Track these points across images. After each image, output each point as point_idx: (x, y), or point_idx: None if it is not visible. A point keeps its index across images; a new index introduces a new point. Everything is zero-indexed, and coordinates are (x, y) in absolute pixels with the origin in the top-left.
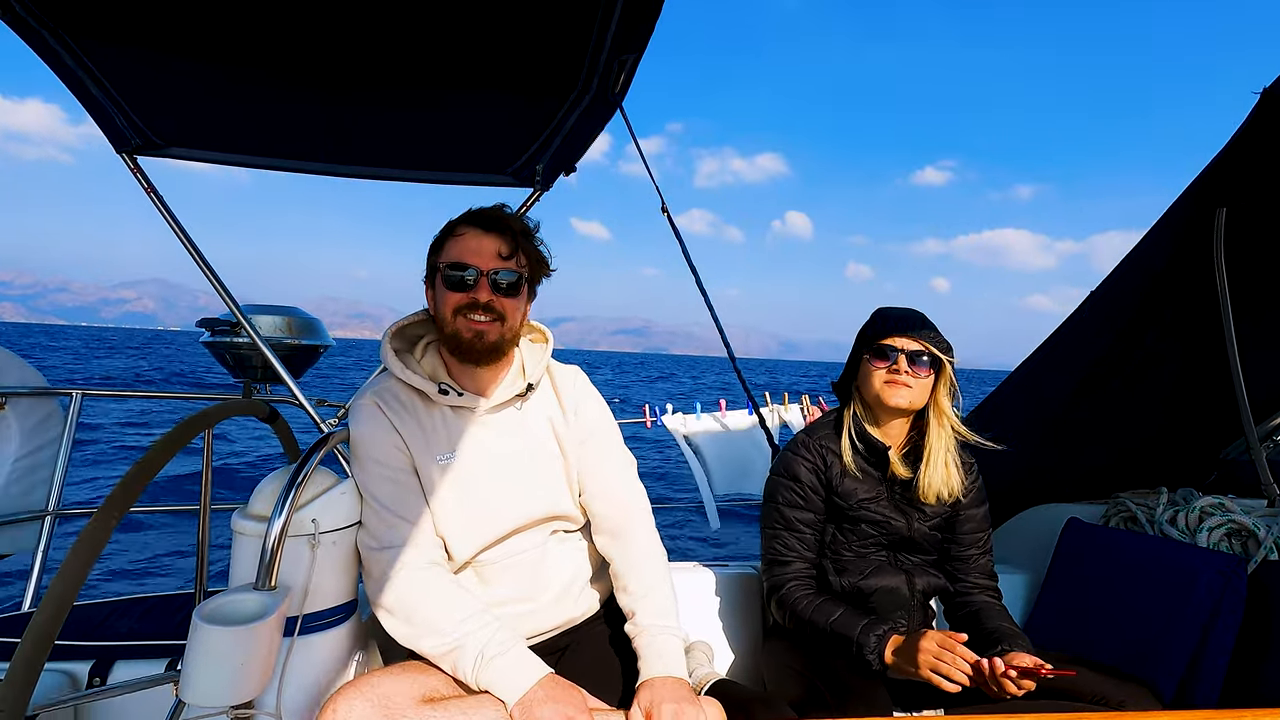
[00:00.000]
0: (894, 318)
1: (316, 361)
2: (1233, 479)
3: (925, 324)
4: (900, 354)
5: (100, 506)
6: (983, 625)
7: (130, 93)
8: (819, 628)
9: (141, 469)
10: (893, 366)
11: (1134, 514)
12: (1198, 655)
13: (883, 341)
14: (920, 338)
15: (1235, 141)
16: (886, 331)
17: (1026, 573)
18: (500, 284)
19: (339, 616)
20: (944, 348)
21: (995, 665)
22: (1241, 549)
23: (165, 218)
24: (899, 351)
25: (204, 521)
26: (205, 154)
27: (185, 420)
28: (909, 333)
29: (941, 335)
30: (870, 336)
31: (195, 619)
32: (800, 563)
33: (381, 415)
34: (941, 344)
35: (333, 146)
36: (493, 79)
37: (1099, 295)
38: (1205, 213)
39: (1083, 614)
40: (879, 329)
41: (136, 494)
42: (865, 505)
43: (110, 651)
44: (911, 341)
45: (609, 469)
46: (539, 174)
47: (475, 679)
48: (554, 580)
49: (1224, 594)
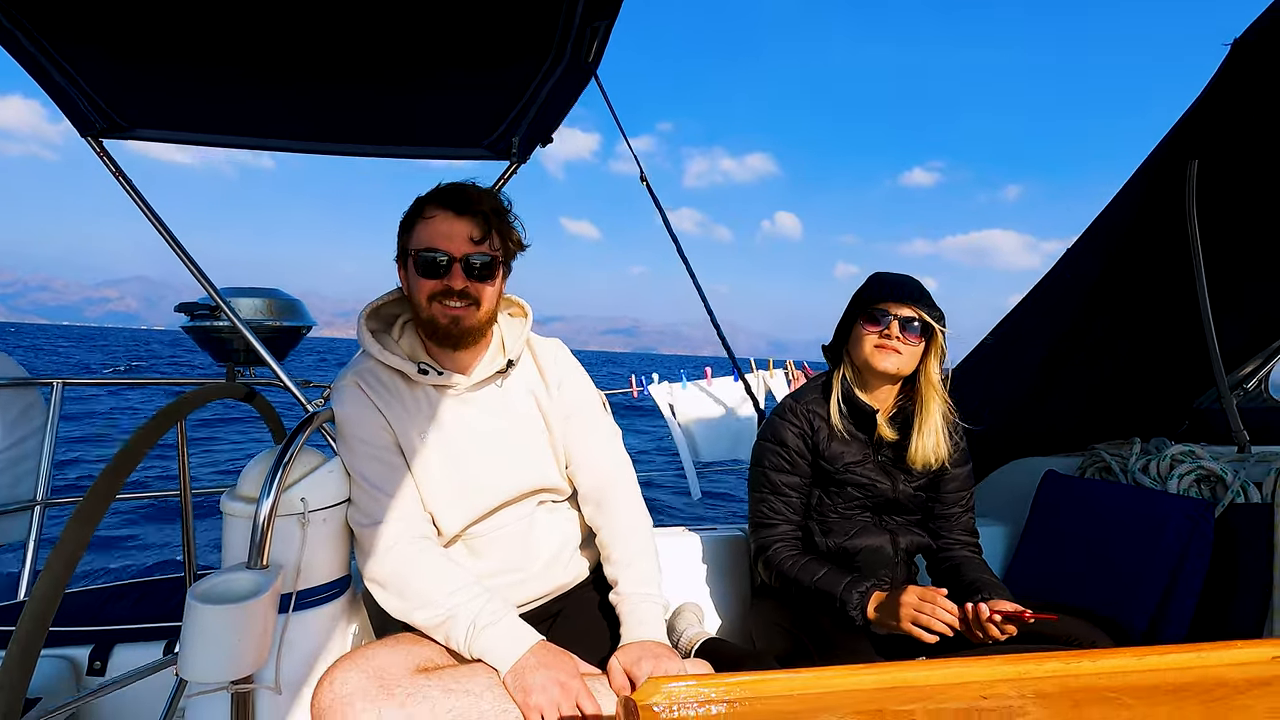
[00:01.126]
0: (889, 283)
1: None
2: (1204, 427)
3: (920, 291)
4: (893, 319)
5: (89, 490)
6: (963, 578)
7: (92, 75)
8: (804, 586)
9: (127, 453)
10: (884, 331)
11: (1108, 464)
12: (1167, 596)
13: (876, 306)
14: (914, 304)
15: (1207, 94)
16: (881, 296)
17: (1006, 525)
18: (474, 268)
19: (333, 592)
20: (936, 316)
21: (980, 610)
22: (1210, 494)
23: (135, 201)
24: (891, 316)
25: (186, 505)
26: (172, 134)
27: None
28: (903, 299)
29: (935, 304)
30: (864, 300)
31: (190, 599)
32: (786, 525)
33: (363, 395)
34: (934, 312)
35: (303, 123)
36: (464, 50)
37: (1076, 250)
38: (1178, 165)
39: (1060, 562)
40: (873, 293)
41: (123, 478)
42: (851, 468)
43: (109, 636)
44: (905, 308)
45: (593, 441)
46: (515, 146)
47: (468, 648)
48: (543, 549)
49: (1192, 537)
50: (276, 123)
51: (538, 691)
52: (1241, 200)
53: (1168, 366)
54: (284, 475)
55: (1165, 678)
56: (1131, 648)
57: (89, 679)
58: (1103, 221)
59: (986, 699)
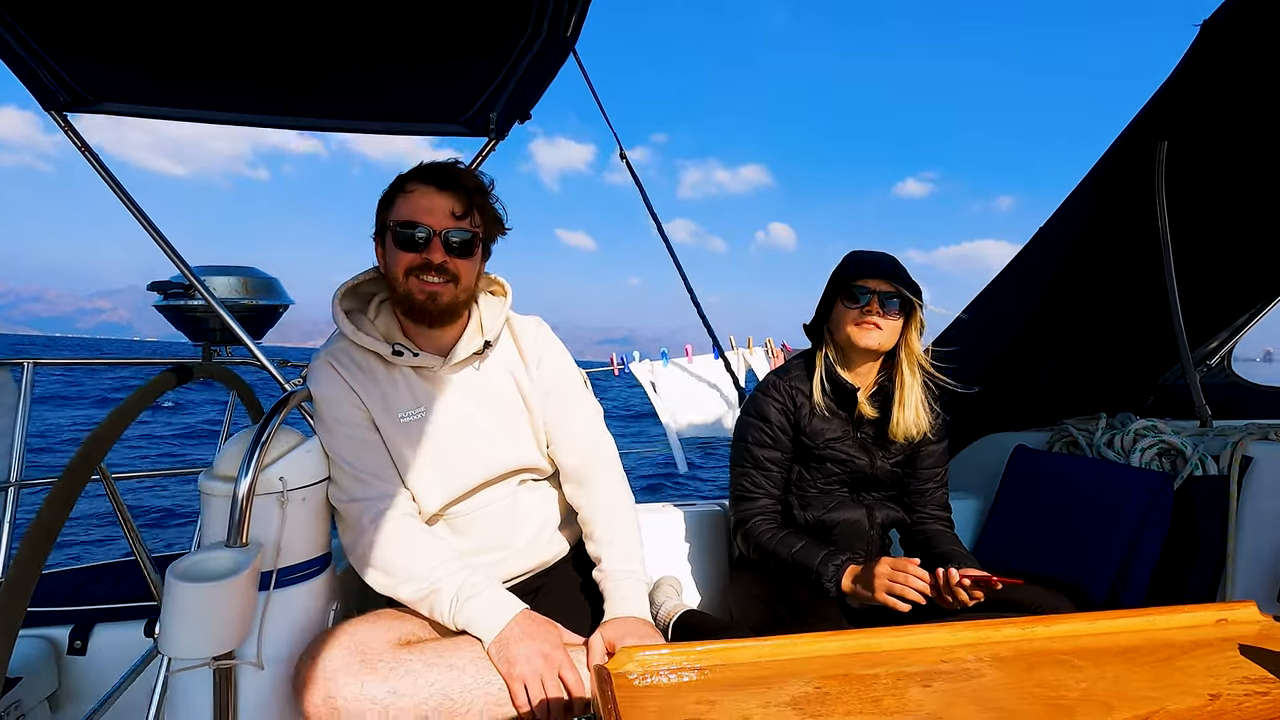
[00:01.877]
0: (866, 260)
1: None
2: (1169, 402)
3: (896, 267)
4: (872, 296)
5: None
6: (935, 549)
7: (55, 47)
8: (781, 558)
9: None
10: (865, 308)
11: (1076, 439)
12: (1126, 564)
13: (855, 283)
14: (891, 280)
15: (1177, 75)
16: (859, 274)
17: (978, 499)
18: (453, 244)
19: (313, 569)
20: (914, 290)
21: (951, 575)
22: (1170, 467)
23: (103, 176)
24: (871, 293)
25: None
26: (140, 108)
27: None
28: (880, 275)
29: (912, 278)
30: (842, 278)
31: (169, 577)
32: (766, 499)
33: (337, 375)
34: (912, 286)
35: (276, 97)
36: (440, 23)
37: (1047, 230)
38: (1148, 146)
39: (1028, 534)
40: (851, 271)
41: (99, 459)
42: (831, 445)
43: (89, 615)
44: (883, 284)
45: (574, 419)
46: (493, 122)
47: (452, 620)
48: (525, 527)
49: (1151, 508)
50: (247, 97)
51: (521, 662)
52: (1209, 181)
53: (1134, 344)
54: (262, 454)
55: (1117, 640)
56: (1085, 613)
57: (69, 658)
58: (1073, 201)
59: (946, 662)
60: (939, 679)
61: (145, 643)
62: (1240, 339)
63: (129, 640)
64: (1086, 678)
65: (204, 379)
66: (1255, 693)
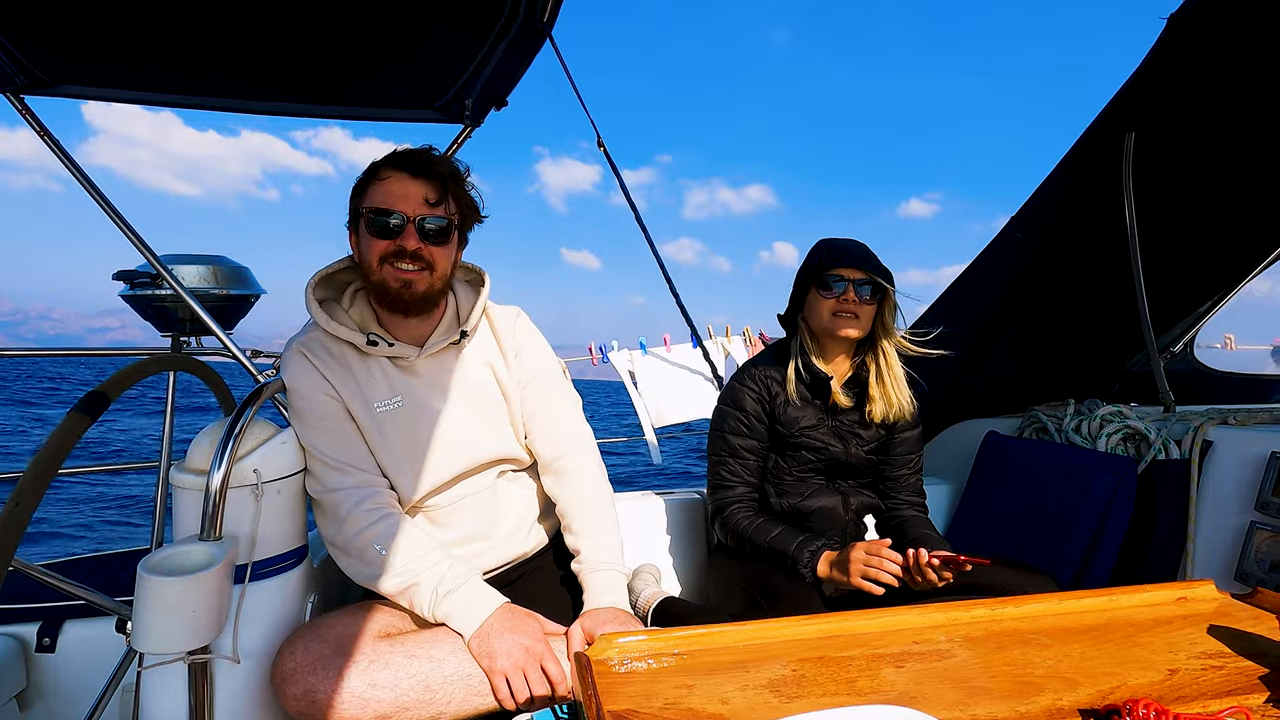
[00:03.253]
0: (838, 249)
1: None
2: (1135, 388)
3: (868, 254)
4: (847, 284)
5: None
6: (908, 534)
7: (10, 27)
8: (758, 545)
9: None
10: (841, 297)
11: (1045, 425)
12: (1092, 546)
13: (829, 272)
14: (864, 267)
15: (1143, 67)
16: (832, 263)
17: (950, 484)
18: (428, 231)
19: (290, 562)
20: (886, 276)
21: (920, 555)
22: (1135, 451)
23: (63, 160)
24: (845, 282)
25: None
26: (101, 91)
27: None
28: (853, 264)
29: (883, 264)
30: (815, 268)
31: (141, 571)
32: (743, 487)
33: (310, 365)
34: (884, 272)
35: (243, 81)
36: (415, 11)
37: (1017, 220)
38: (1115, 136)
39: (998, 518)
40: (824, 260)
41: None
42: (806, 433)
43: (58, 612)
44: (856, 271)
45: (552, 410)
46: (468, 109)
47: (432, 613)
48: (505, 519)
49: (1116, 492)
50: (213, 81)
51: (502, 656)
52: (1175, 171)
53: (1102, 331)
54: (235, 446)
55: (1082, 619)
56: (1052, 593)
57: (38, 656)
58: (1043, 190)
59: (918, 643)
60: (911, 659)
61: (117, 639)
62: (1202, 326)
63: (100, 636)
64: (1053, 655)
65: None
66: (1211, 667)
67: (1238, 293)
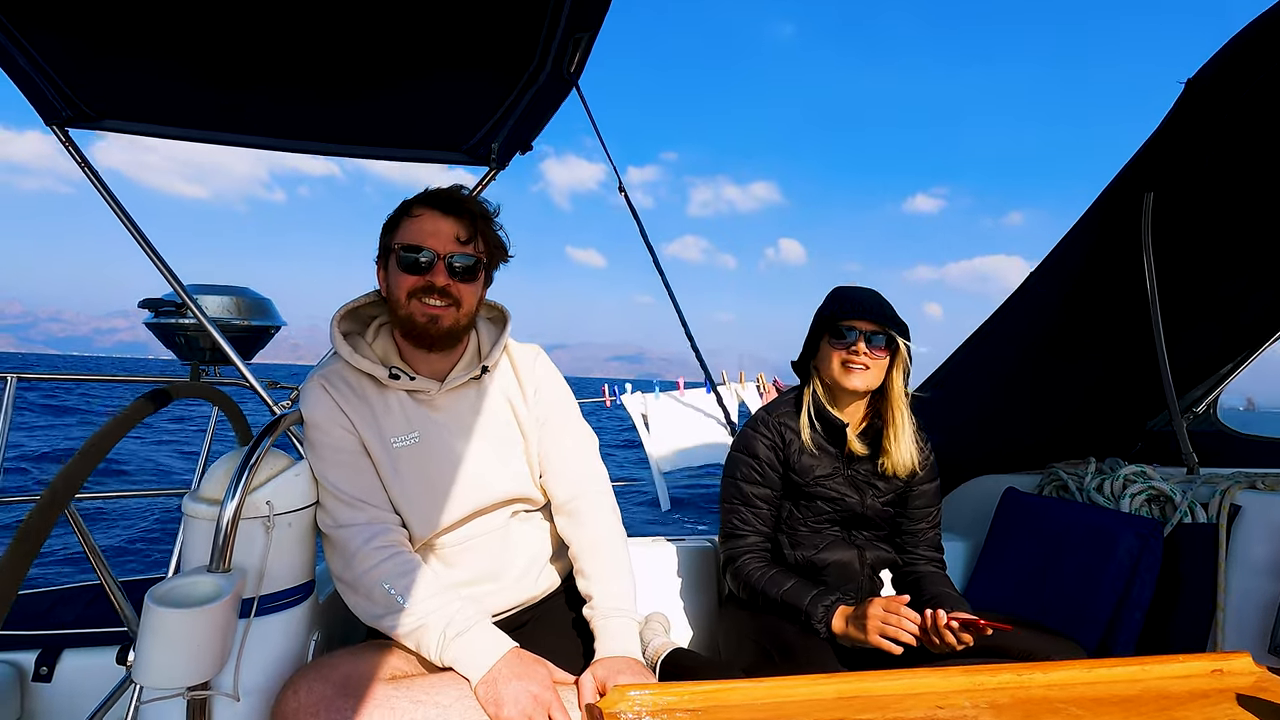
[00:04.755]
0: (851, 299)
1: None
2: (1157, 448)
3: (882, 305)
4: (859, 335)
5: (42, 494)
6: (925, 591)
7: (59, 62)
8: (770, 598)
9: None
10: (852, 347)
11: (1065, 483)
12: (1118, 611)
13: (841, 323)
14: (877, 320)
15: (1162, 129)
16: (844, 314)
17: (968, 540)
18: (457, 268)
19: (296, 597)
20: (900, 329)
21: (939, 617)
22: (1159, 513)
23: (101, 193)
24: (857, 333)
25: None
26: (142, 126)
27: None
28: (865, 315)
29: (898, 316)
30: (828, 317)
31: (148, 602)
32: (755, 536)
33: (328, 398)
34: (898, 325)
35: (280, 120)
36: (447, 57)
37: (1036, 275)
38: (1134, 196)
39: (1018, 577)
40: (836, 310)
41: (79, 483)
42: (821, 482)
43: (57, 640)
44: (869, 323)
45: (568, 450)
46: (495, 152)
47: (439, 656)
48: (516, 560)
49: (1141, 555)
50: (253, 119)
51: (510, 704)
52: (1195, 232)
53: (1123, 390)
54: (250, 477)
55: (1113, 689)
56: (1081, 660)
57: (35, 685)
58: (1063, 248)
59: (942, 709)
60: None
61: (116, 670)
62: (1225, 387)
63: (99, 667)
64: None
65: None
66: None
67: (1261, 353)
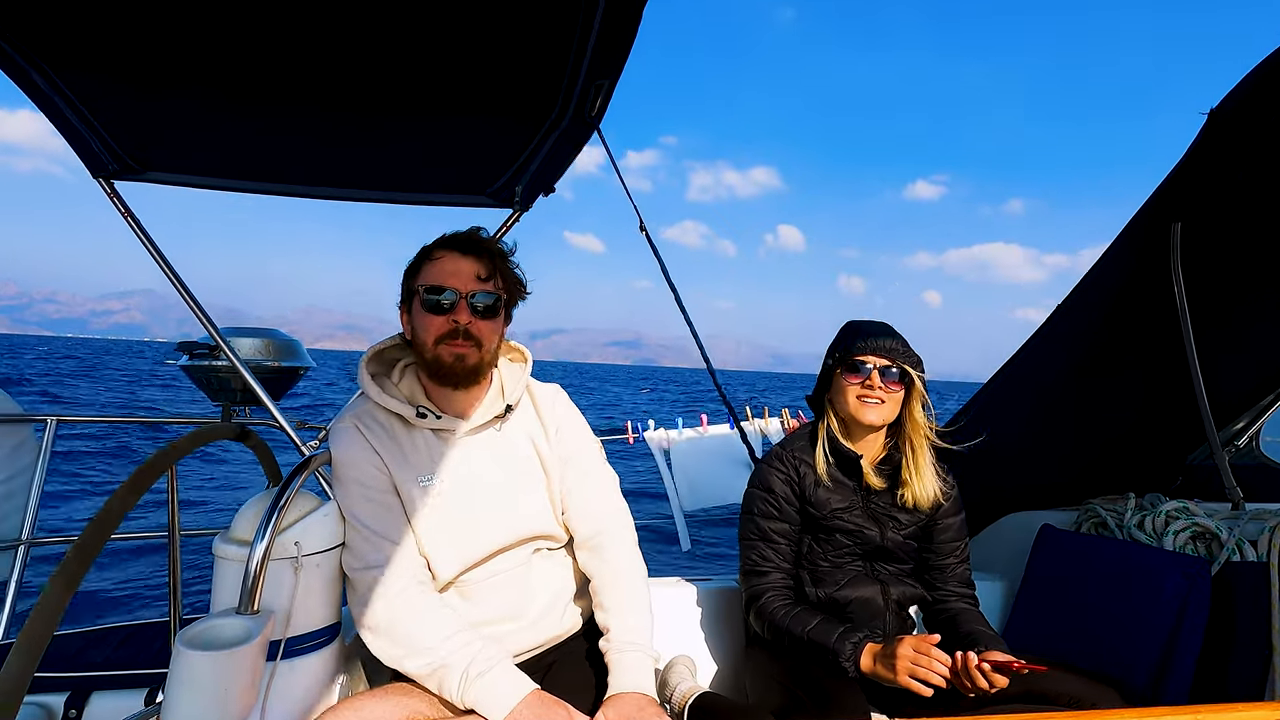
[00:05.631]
0: (864, 332)
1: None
2: (1197, 483)
3: (895, 338)
4: (872, 369)
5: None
6: (959, 629)
7: (107, 118)
8: (796, 637)
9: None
10: (866, 381)
11: (1104, 519)
12: (1166, 655)
13: (855, 357)
14: (890, 353)
15: (1187, 159)
16: (858, 348)
17: (1002, 579)
18: (479, 306)
19: (323, 639)
20: (914, 362)
21: (969, 659)
22: (1205, 551)
23: (143, 242)
24: (871, 367)
25: (174, 549)
26: (183, 178)
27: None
28: (879, 349)
29: (911, 349)
30: (842, 352)
31: (177, 645)
32: (777, 573)
33: (361, 437)
34: (912, 358)
35: (311, 169)
36: (471, 104)
37: (1064, 309)
38: (1161, 227)
39: (1056, 618)
40: (850, 344)
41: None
42: (839, 515)
43: (87, 682)
44: (881, 357)
45: (590, 487)
46: (518, 195)
47: (461, 698)
48: (538, 598)
49: (1189, 595)
50: (285, 169)
51: None
52: (1226, 261)
53: (1160, 423)
54: (280, 518)
55: None
56: (1134, 709)
57: None
58: (1091, 279)
59: None
60: None
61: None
62: (1268, 419)
63: (127, 710)
64: None
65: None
66: None
67: None
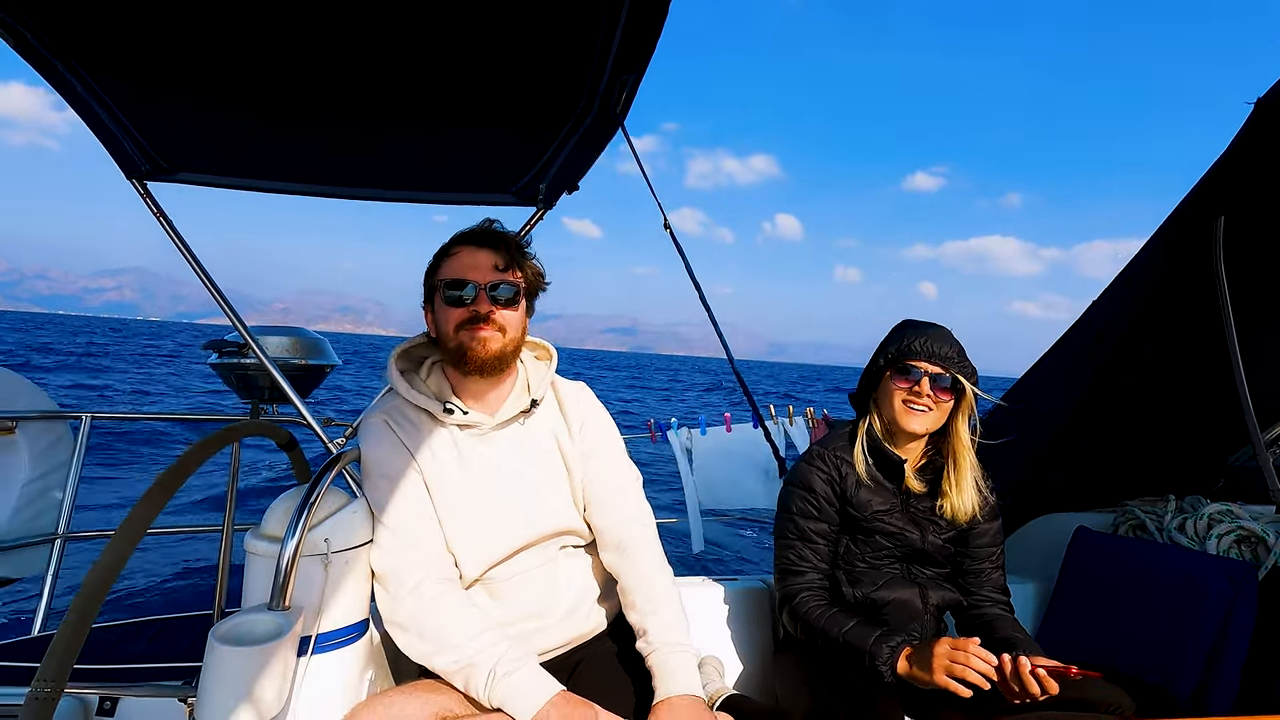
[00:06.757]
0: (920, 334)
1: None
2: (1240, 485)
3: (951, 344)
4: (924, 375)
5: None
6: (995, 635)
7: (142, 121)
8: (831, 638)
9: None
10: (914, 387)
11: (1142, 522)
12: (1212, 662)
13: (907, 361)
14: (945, 361)
15: (1231, 151)
16: (912, 352)
17: (1036, 582)
18: (499, 297)
19: (351, 635)
20: (968, 372)
21: (1021, 664)
22: (1251, 555)
23: (175, 243)
24: (922, 373)
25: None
26: (214, 179)
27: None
28: (934, 356)
29: (967, 358)
30: (895, 354)
31: (211, 639)
32: (813, 573)
33: (391, 433)
34: (966, 368)
35: (340, 169)
36: (496, 102)
37: (1100, 305)
38: (1204, 222)
39: (1094, 622)
40: (903, 347)
41: (154, 515)
42: (879, 517)
43: (122, 674)
44: (935, 365)
45: (613, 484)
46: (542, 193)
47: (488, 696)
48: (564, 596)
49: (1235, 601)
50: (313, 169)
51: None
52: (1270, 255)
53: (1201, 422)
54: (310, 515)
55: None
56: (1181, 718)
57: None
58: (1129, 275)
59: None
60: None
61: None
62: None
63: (160, 704)
64: None
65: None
66: None
67: None
